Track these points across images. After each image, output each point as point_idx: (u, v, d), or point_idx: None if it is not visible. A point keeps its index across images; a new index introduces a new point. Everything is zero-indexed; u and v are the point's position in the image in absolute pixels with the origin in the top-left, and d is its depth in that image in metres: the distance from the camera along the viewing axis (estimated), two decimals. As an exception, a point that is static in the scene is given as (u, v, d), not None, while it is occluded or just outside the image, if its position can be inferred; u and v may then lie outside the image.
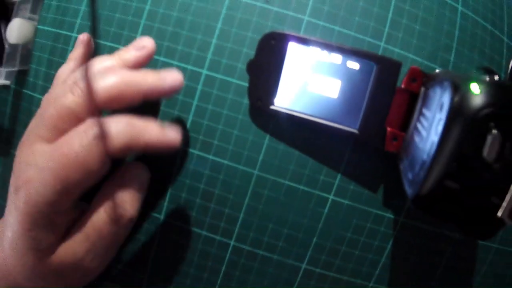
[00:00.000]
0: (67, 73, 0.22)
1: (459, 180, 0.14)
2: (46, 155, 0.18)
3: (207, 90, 0.23)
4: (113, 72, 0.19)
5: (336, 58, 0.21)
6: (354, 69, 0.21)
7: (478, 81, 0.14)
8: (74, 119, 0.18)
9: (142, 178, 0.21)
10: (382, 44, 0.23)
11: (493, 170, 0.14)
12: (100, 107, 0.19)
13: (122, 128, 0.18)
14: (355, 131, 0.21)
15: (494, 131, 0.14)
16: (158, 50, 0.23)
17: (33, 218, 0.18)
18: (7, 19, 0.29)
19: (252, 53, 0.22)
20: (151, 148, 0.19)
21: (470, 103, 0.14)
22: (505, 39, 0.27)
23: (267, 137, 0.22)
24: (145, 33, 0.23)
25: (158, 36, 0.23)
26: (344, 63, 0.21)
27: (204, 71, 0.23)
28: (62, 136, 0.18)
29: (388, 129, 0.21)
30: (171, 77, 0.19)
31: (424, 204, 0.15)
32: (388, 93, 0.20)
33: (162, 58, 0.23)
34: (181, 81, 0.20)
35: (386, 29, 0.23)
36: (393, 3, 0.23)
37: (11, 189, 0.19)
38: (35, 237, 0.18)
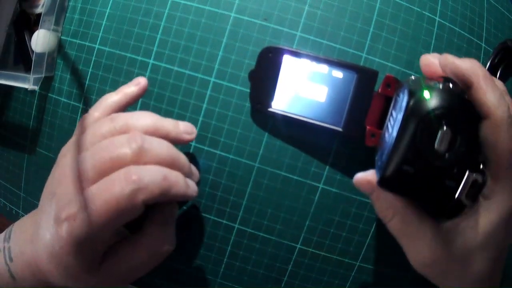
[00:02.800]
0: (113, 105, 0.27)
1: (415, 166, 0.20)
2: (88, 197, 0.22)
3: (214, 95, 0.30)
4: (167, 144, 0.25)
5: (323, 68, 0.27)
6: (338, 77, 0.27)
7: (430, 89, 0.20)
8: (120, 167, 0.23)
9: (175, 215, 0.27)
10: (364, 54, 0.30)
11: (445, 159, 0.20)
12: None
13: (159, 182, 0.23)
14: (340, 129, 0.27)
15: (445, 128, 0.19)
16: (172, 61, 0.30)
17: (75, 246, 0.23)
18: (29, 29, 0.36)
19: (253, 63, 0.29)
20: (175, 198, 0.25)
21: (421, 106, 0.19)
22: (483, 45, 0.34)
23: (266, 134, 0.30)
24: (161, 46, 0.30)
25: (172, 49, 0.30)
26: (330, 72, 0.27)
27: (212, 79, 0.30)
28: (103, 177, 0.23)
29: (368, 127, 0.26)
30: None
31: (388, 184, 0.22)
32: (367, 97, 0.26)
33: (176, 68, 0.30)
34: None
35: (368, 42, 0.30)
36: (374, 18, 0.30)
37: (48, 195, 0.25)
38: (77, 258, 0.23)
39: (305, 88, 0.28)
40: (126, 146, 0.23)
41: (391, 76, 0.26)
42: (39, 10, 0.34)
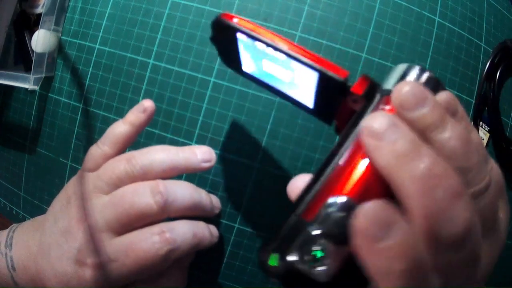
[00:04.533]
0: (122, 139, 0.26)
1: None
2: (118, 249, 0.23)
3: (214, 95, 0.30)
4: (188, 188, 0.26)
5: (281, 55, 0.20)
6: (299, 68, 0.20)
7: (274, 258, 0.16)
8: (147, 221, 0.24)
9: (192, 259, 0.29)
10: (364, 55, 0.30)
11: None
12: (172, 215, 0.25)
13: (190, 241, 0.25)
14: (311, 107, 0.22)
15: None
16: (172, 61, 0.31)
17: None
18: (30, 29, 0.36)
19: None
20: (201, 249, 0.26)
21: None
22: (483, 45, 0.35)
23: (266, 134, 0.30)
24: (161, 46, 0.31)
25: (172, 49, 0.30)
26: (288, 61, 0.20)
27: (212, 79, 0.30)
28: (129, 230, 0.24)
29: (336, 122, 0.22)
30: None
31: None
32: (334, 97, 0.20)
33: (176, 68, 0.30)
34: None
35: (368, 42, 0.30)
36: (374, 19, 0.31)
37: (59, 229, 0.25)
38: None
39: (268, 66, 0.22)
40: (150, 199, 0.24)
41: (358, 91, 0.18)
42: (39, 10, 0.34)
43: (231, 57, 0.24)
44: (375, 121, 0.15)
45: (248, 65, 0.24)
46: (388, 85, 0.17)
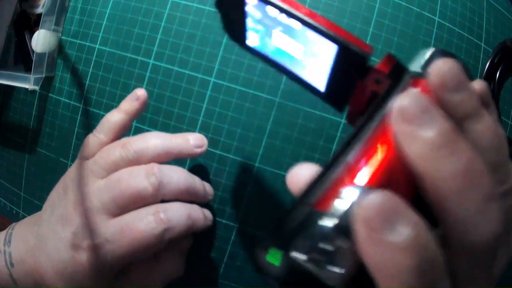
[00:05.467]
0: (117, 126, 0.27)
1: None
2: (114, 231, 0.24)
3: (214, 95, 0.30)
4: (182, 172, 0.26)
5: (296, 23, 0.18)
6: (314, 41, 0.18)
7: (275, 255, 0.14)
8: (142, 203, 0.25)
9: (190, 245, 0.29)
10: (364, 55, 0.30)
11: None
12: (166, 198, 0.25)
13: (184, 221, 0.25)
14: (321, 91, 0.20)
15: None
16: (172, 61, 0.31)
17: (92, 272, 0.24)
18: (30, 29, 0.37)
19: (253, 64, 0.29)
20: (195, 231, 0.26)
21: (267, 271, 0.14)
22: (482, 44, 0.35)
23: (266, 134, 0.30)
24: (161, 46, 0.31)
25: (172, 49, 0.31)
26: (303, 31, 0.18)
27: (212, 79, 0.30)
28: (124, 212, 0.25)
29: (350, 108, 0.19)
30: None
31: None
32: (351, 77, 0.18)
33: (176, 68, 0.30)
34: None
35: (367, 42, 0.30)
36: (374, 19, 0.31)
37: (57, 216, 0.25)
38: (91, 280, 0.25)
39: (278, 38, 0.20)
40: (145, 181, 0.25)
41: (383, 69, 0.17)
42: (39, 10, 0.35)
43: (236, 28, 0.21)
44: (410, 101, 0.13)
45: (254, 38, 0.21)
46: (416, 67, 0.15)
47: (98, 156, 0.26)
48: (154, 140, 0.26)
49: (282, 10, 0.18)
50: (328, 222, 0.13)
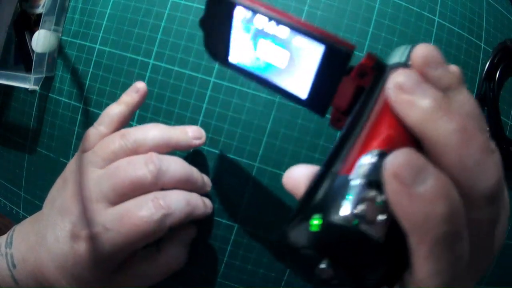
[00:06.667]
0: (118, 118, 0.27)
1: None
2: (113, 218, 0.24)
3: (214, 95, 0.30)
4: (180, 161, 0.26)
5: (283, 31, 0.20)
6: (302, 45, 0.20)
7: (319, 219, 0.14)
8: (141, 191, 0.25)
9: (193, 236, 0.29)
10: (363, 54, 0.30)
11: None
12: (165, 186, 0.25)
13: (183, 207, 0.25)
14: (303, 99, 0.21)
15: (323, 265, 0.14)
16: (172, 61, 0.31)
17: (92, 262, 0.24)
18: (30, 29, 0.37)
19: (253, 63, 0.29)
20: (195, 218, 0.26)
21: (302, 239, 0.14)
22: (482, 45, 0.35)
23: (266, 134, 0.30)
24: (161, 46, 0.31)
25: (172, 49, 0.31)
26: (290, 39, 0.20)
27: (212, 79, 0.30)
28: (124, 200, 0.25)
29: (333, 110, 0.21)
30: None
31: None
32: (336, 75, 0.19)
33: (176, 68, 0.31)
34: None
35: (367, 42, 0.30)
36: (373, 19, 0.31)
37: (57, 208, 0.25)
38: (91, 272, 0.24)
39: (263, 49, 0.21)
40: (144, 169, 0.25)
41: (368, 63, 0.19)
42: (39, 10, 0.35)
43: (219, 45, 0.22)
44: (404, 77, 0.15)
45: (237, 53, 0.22)
46: (394, 61, 0.18)
47: (97, 147, 0.26)
48: (153, 131, 0.26)
49: (271, 18, 0.19)
50: (359, 181, 0.14)
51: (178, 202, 0.25)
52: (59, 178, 0.28)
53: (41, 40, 0.33)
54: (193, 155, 0.31)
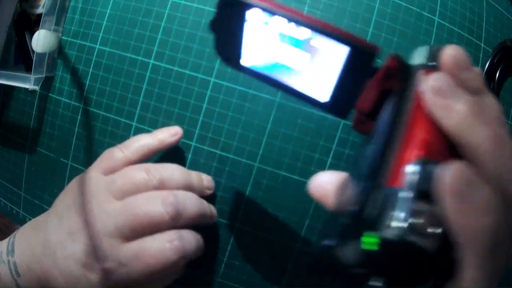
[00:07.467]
0: (146, 150, 0.28)
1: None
2: (128, 255, 0.24)
3: (214, 95, 0.30)
4: (195, 199, 0.27)
5: (303, 33, 0.19)
6: (324, 47, 0.19)
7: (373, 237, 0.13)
8: (156, 229, 0.25)
9: None
10: (363, 55, 0.30)
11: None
12: (180, 226, 0.26)
13: (195, 248, 0.26)
14: (323, 102, 0.21)
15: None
16: (172, 61, 0.31)
17: None
18: (30, 29, 0.37)
19: (253, 63, 0.29)
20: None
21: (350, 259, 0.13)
22: (482, 45, 0.35)
23: (266, 134, 0.30)
24: (161, 46, 0.31)
25: (172, 49, 0.31)
26: (311, 40, 0.19)
27: (212, 79, 0.30)
28: (137, 237, 0.25)
29: (356, 112, 0.20)
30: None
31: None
32: (360, 77, 0.19)
33: (176, 68, 0.31)
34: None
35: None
36: (373, 19, 0.31)
37: (64, 230, 0.25)
38: None
39: (280, 51, 0.20)
40: (162, 209, 0.25)
41: (393, 65, 0.18)
42: (39, 10, 0.35)
43: (230, 48, 0.22)
44: (440, 80, 0.15)
45: (251, 56, 0.22)
46: (419, 61, 0.18)
47: (119, 176, 0.26)
48: (177, 174, 0.27)
49: (291, 19, 0.19)
50: (409, 193, 0.14)
51: (191, 243, 0.26)
52: (66, 193, 0.28)
53: (41, 40, 0.33)
54: (193, 155, 0.31)
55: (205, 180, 0.29)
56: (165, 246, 0.25)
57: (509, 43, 0.34)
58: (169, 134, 0.29)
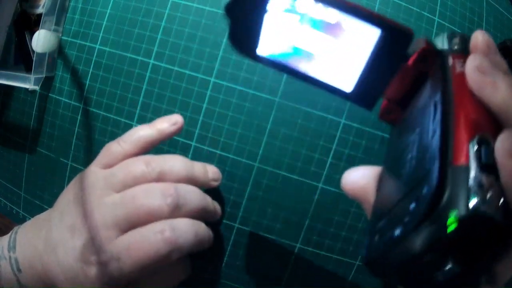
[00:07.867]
0: (145, 141, 0.27)
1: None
2: (121, 248, 0.24)
3: (214, 95, 0.30)
4: (197, 193, 0.26)
5: (332, 15, 0.18)
6: (353, 30, 0.18)
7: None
8: (154, 220, 0.24)
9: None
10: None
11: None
12: (179, 217, 0.25)
13: (191, 240, 0.25)
14: (347, 92, 0.20)
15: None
16: (172, 61, 0.31)
17: (101, 285, 0.24)
18: (30, 29, 0.37)
19: (253, 64, 0.29)
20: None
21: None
22: (482, 45, 0.35)
23: (266, 134, 0.30)
24: (161, 46, 0.31)
25: (172, 49, 0.31)
26: (339, 23, 0.18)
27: (212, 79, 0.30)
28: (134, 228, 0.24)
29: (385, 101, 0.20)
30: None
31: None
32: (392, 63, 0.18)
33: (176, 68, 0.31)
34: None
35: (367, 42, 0.30)
36: (373, 19, 0.31)
37: (66, 226, 0.25)
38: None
39: (301, 36, 0.19)
40: (161, 201, 0.24)
41: (428, 47, 0.18)
42: (39, 10, 0.35)
43: (246, 36, 0.20)
44: (482, 61, 0.15)
45: (269, 43, 0.20)
46: (444, 46, 0.18)
47: (118, 169, 0.26)
48: (178, 165, 0.26)
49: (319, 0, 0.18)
50: (478, 169, 0.14)
51: (187, 234, 0.24)
52: (68, 190, 0.27)
53: (41, 40, 0.33)
54: (193, 155, 0.31)
55: (211, 171, 0.28)
56: (156, 237, 0.23)
57: (509, 43, 0.34)
58: (169, 123, 0.27)
